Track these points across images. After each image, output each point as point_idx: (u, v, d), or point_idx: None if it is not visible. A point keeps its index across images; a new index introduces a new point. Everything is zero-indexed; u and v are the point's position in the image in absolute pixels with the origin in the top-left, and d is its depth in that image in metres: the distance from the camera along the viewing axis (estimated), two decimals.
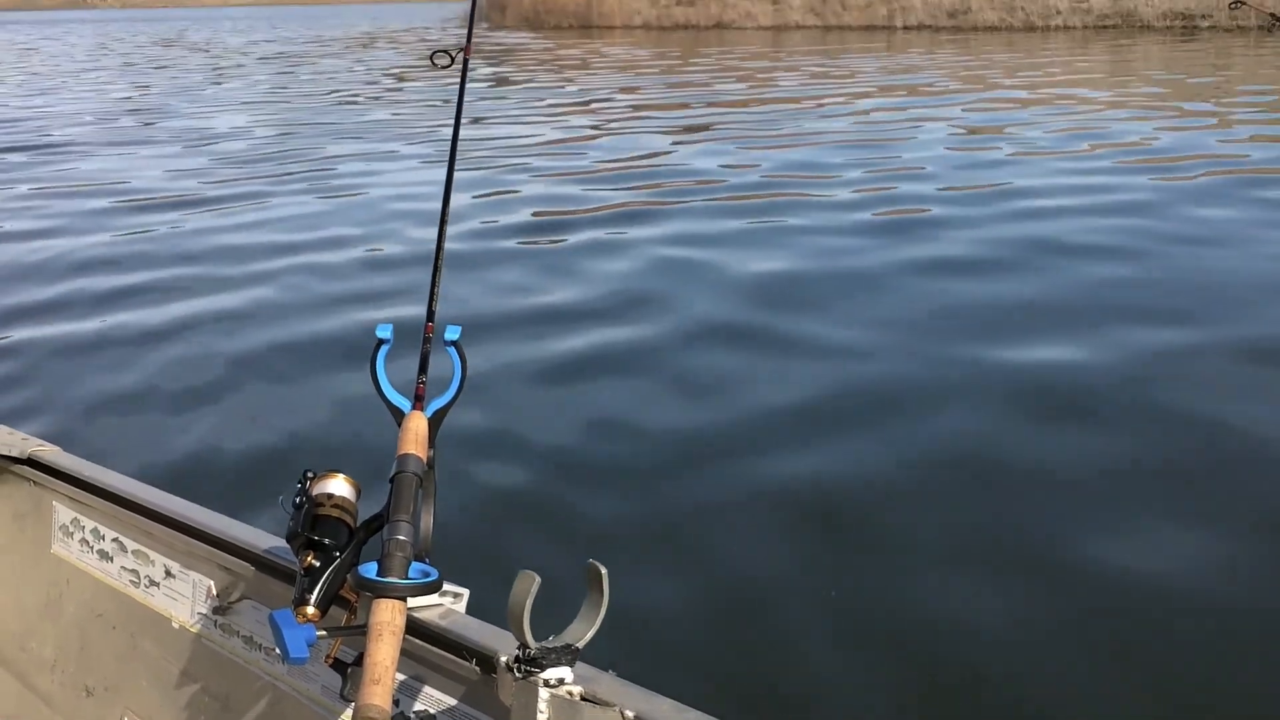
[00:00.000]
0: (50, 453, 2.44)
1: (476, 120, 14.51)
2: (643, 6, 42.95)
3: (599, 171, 10.82)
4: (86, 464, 2.38)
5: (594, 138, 13.41)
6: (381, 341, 1.68)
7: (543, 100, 18.25)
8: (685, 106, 16.73)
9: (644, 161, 11.30)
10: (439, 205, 1.93)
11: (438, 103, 17.26)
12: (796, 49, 29.08)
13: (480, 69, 24.01)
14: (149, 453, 4.21)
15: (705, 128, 13.85)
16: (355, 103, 18.71)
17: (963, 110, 14.51)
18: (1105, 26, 31.51)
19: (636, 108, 16.54)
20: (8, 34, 67.18)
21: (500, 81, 21.19)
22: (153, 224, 8.78)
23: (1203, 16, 30.18)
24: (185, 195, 9.97)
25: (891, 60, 24.53)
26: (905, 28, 34.94)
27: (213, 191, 10.14)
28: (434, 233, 1.94)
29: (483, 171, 10.64)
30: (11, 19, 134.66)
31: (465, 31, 2.48)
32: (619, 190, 9.76)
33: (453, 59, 2.29)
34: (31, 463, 2.43)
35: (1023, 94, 16.27)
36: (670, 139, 12.84)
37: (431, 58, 2.34)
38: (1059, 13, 32.79)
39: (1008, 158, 10.73)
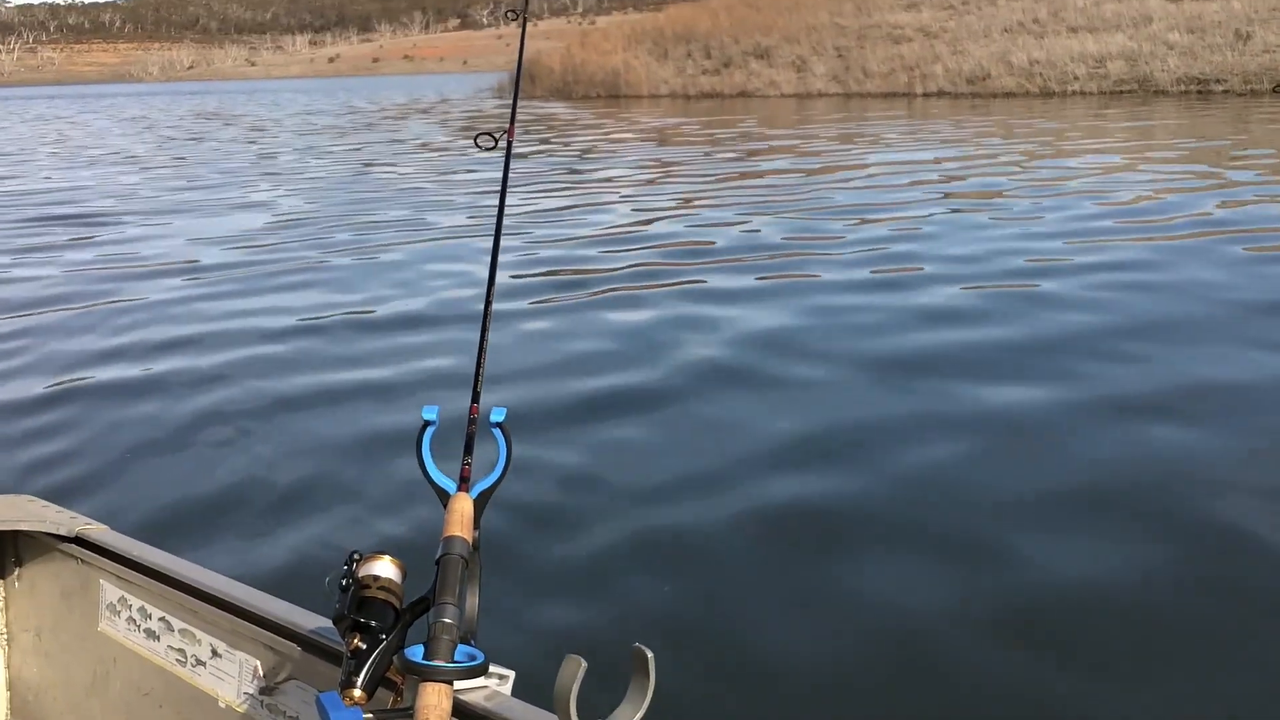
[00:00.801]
0: (98, 531, 2.45)
1: (522, 194, 14.24)
2: (669, 76, 43.63)
3: (658, 245, 10.52)
4: (134, 542, 2.38)
5: (645, 213, 13.01)
6: (427, 424, 1.68)
7: (586, 171, 18.31)
8: (741, 178, 16.60)
9: (705, 236, 11.10)
10: (484, 284, 1.92)
11: (482, 176, 17.10)
12: (861, 117, 29.22)
13: (520, 140, 24.18)
14: (195, 531, 4.19)
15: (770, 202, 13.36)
16: (396, 175, 18.66)
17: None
18: (1120, 92, 31.68)
19: (682, 182, 16.35)
20: (51, 108, 68.38)
21: (541, 153, 21.37)
22: (196, 298, 8.77)
23: (1216, 81, 30.35)
24: (226, 271, 9.93)
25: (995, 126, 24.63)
26: (925, 94, 35.24)
27: (254, 266, 10.06)
28: (479, 310, 1.92)
29: (529, 248, 10.47)
30: (55, 92, 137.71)
31: (500, 103, 2.47)
32: (676, 265, 9.55)
33: (496, 141, 2.25)
34: (79, 541, 2.43)
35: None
36: (727, 212, 12.61)
37: (475, 140, 2.30)
38: (1076, 79, 33.03)
39: None
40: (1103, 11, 39.52)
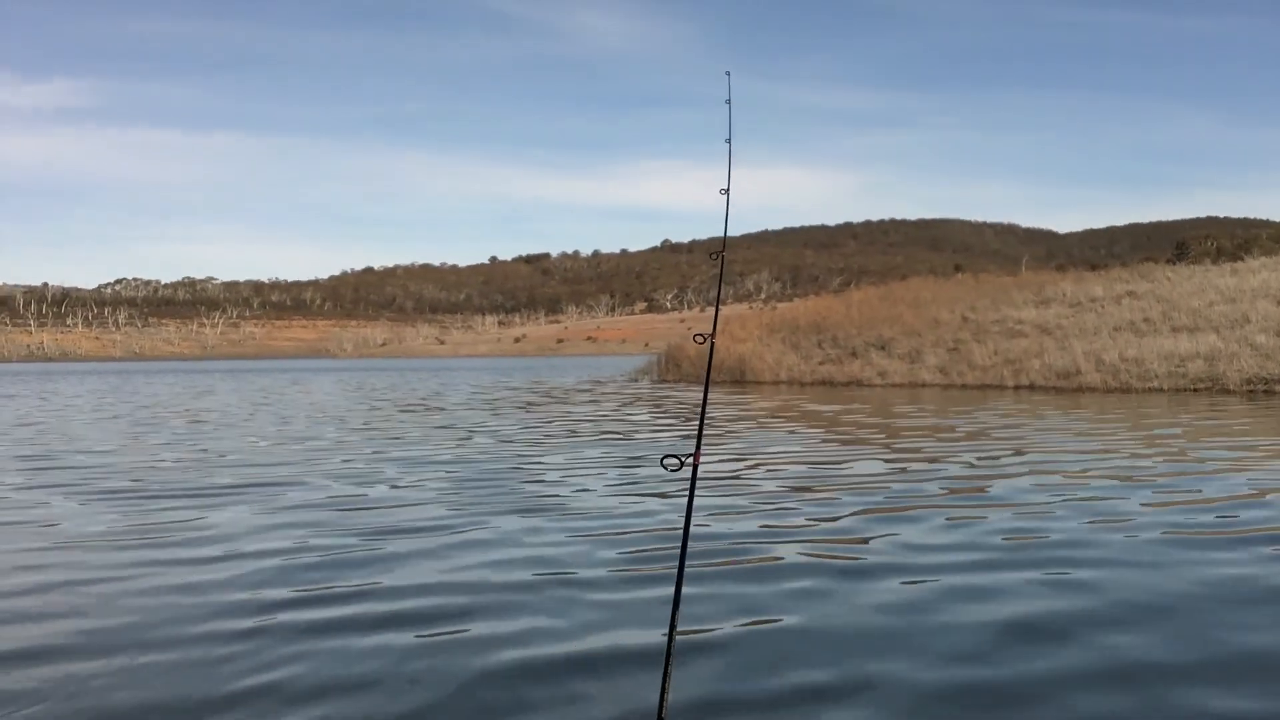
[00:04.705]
0: None
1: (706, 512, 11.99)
2: (795, 362, 49.91)
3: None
4: None
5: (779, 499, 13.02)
6: None
7: (729, 452, 18.80)
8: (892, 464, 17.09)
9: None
10: (668, 610, 2.11)
11: (657, 476, 15.60)
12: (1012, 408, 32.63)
13: (665, 416, 27.72)
14: None
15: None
16: (562, 458, 18.59)
17: None
18: (1193, 389, 36.45)
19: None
20: (247, 380, 72.18)
21: (682, 430, 22.73)
22: (379, 557, 9.66)
23: (1278, 381, 34.97)
24: (408, 536, 10.74)
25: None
26: (1016, 387, 40.62)
27: (428, 533, 10.88)
28: (662, 634, 1.82)
29: (657, 516, 11.17)
30: (252, 365, 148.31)
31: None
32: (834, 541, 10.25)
33: (682, 463, 2.60)
34: None
35: None
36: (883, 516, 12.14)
37: (662, 461, 2.68)
38: (1156, 376, 38.01)
39: None
40: (1211, 313, 44.36)
